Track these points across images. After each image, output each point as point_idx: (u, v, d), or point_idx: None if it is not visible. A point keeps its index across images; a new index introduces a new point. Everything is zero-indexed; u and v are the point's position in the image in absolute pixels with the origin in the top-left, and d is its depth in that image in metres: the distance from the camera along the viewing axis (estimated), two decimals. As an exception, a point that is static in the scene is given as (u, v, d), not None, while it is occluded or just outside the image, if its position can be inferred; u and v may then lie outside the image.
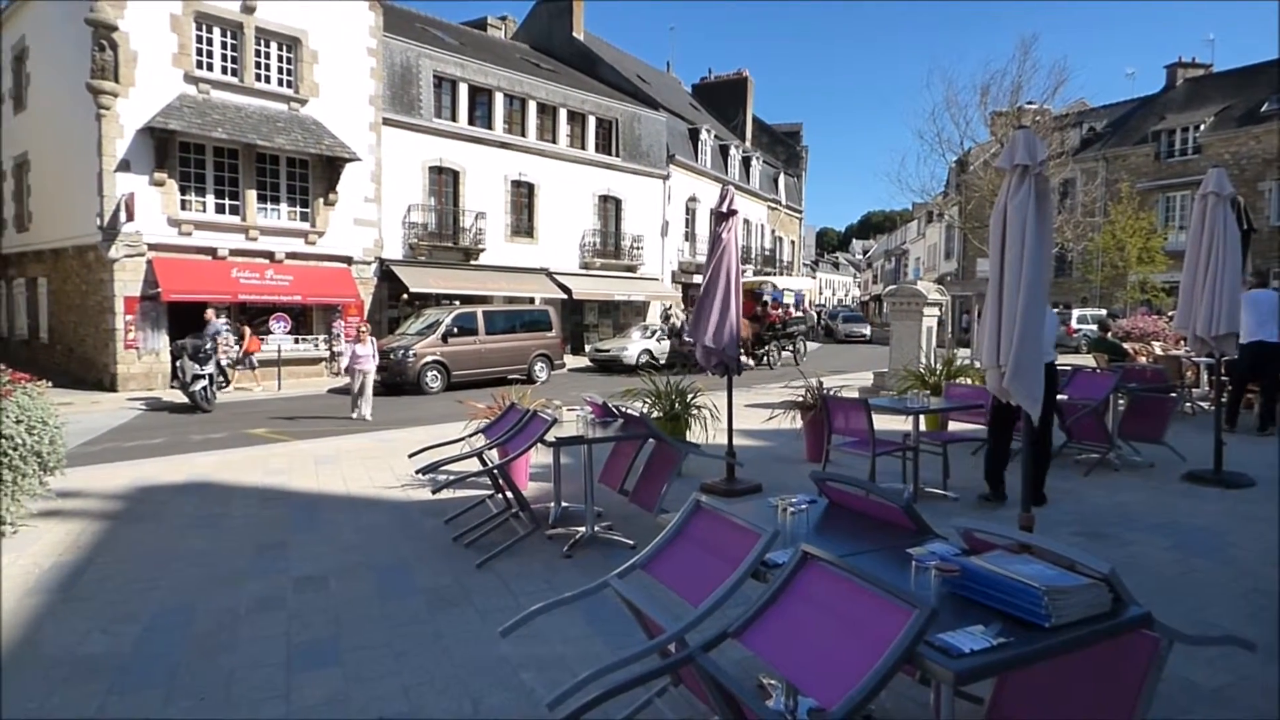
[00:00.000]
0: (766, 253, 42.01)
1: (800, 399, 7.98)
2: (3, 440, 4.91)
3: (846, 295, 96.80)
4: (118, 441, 10.85)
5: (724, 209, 6.48)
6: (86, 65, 16.57)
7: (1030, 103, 21.25)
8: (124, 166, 16.98)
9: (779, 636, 2.22)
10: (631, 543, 5.13)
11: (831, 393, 7.35)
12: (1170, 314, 14.14)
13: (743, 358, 20.46)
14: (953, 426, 8.30)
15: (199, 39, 18.13)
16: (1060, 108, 22.60)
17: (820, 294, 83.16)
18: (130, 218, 16.85)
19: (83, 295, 18.52)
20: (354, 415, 12.56)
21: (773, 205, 43.26)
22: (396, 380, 16.66)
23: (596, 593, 2.83)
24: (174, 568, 4.95)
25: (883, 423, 6.59)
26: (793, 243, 48.26)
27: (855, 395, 7.80)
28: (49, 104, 19.61)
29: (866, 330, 43.01)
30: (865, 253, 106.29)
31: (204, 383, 13.95)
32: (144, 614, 4.21)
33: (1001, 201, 3.94)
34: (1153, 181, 33.98)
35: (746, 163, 39.78)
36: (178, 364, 14.23)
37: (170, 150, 17.49)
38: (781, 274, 45.44)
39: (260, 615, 4.18)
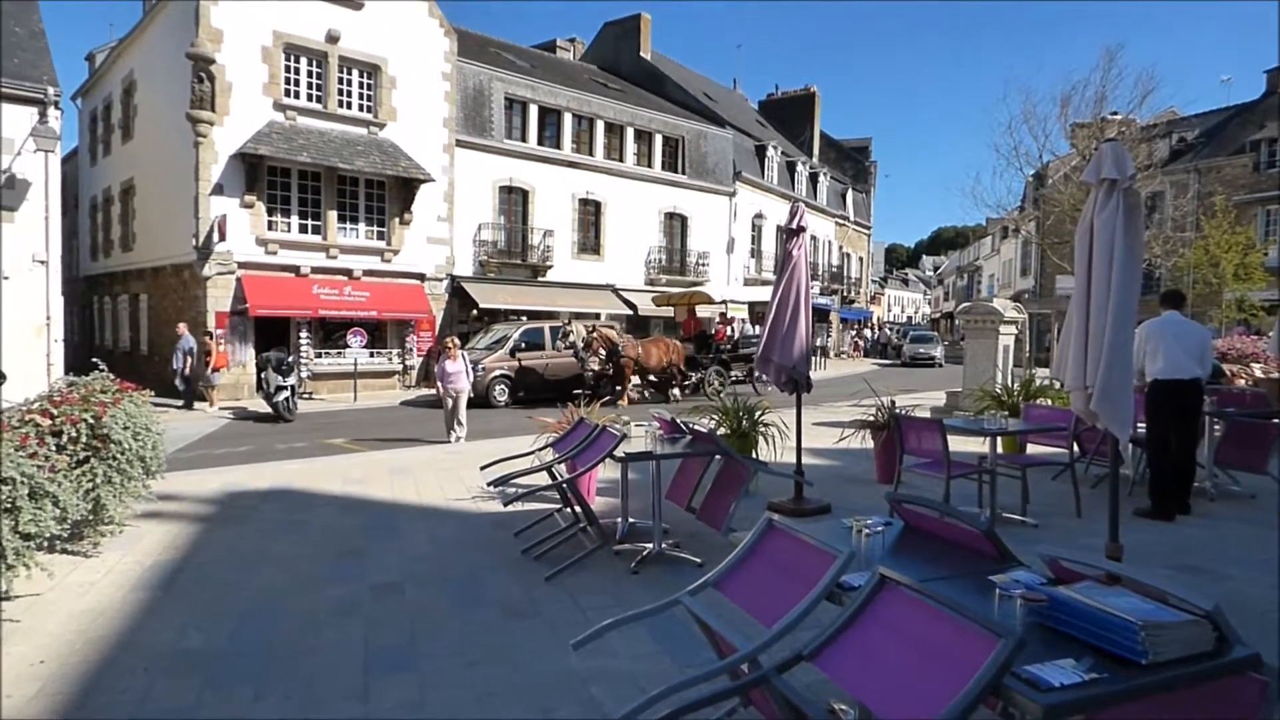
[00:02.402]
0: (834, 269, 41.44)
1: (871, 418, 7.82)
2: (113, 445, 5.24)
3: (916, 312, 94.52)
4: (209, 449, 11.43)
5: (794, 225, 6.45)
6: (186, 96, 17.67)
7: (1114, 113, 20.45)
8: (218, 190, 17.99)
9: (856, 661, 2.18)
10: (699, 561, 5.11)
11: (903, 412, 7.19)
12: (1270, 334, 13.31)
13: (674, 388, 18.16)
14: (1031, 449, 8.00)
15: (287, 68, 19.12)
16: (1148, 117, 21.61)
17: (889, 311, 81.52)
18: (222, 238, 17.82)
19: (179, 310, 19.60)
20: (450, 439, 11.38)
21: (840, 221, 42.70)
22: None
23: (668, 609, 2.84)
24: (260, 570, 5.18)
25: (957, 444, 6.41)
26: (861, 259, 47.48)
27: (928, 415, 7.61)
28: (153, 133, 20.95)
29: (937, 352, 36.75)
30: (936, 269, 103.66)
31: (286, 394, 14.57)
32: (234, 613, 4.41)
33: (1087, 217, 3.81)
34: (1251, 194, 32.17)
35: (813, 178, 39.43)
36: (262, 375, 14.92)
37: (259, 174, 18.44)
38: (850, 291, 44.72)
39: (340, 619, 4.33)
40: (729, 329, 21.03)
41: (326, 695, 3.46)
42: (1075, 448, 6.99)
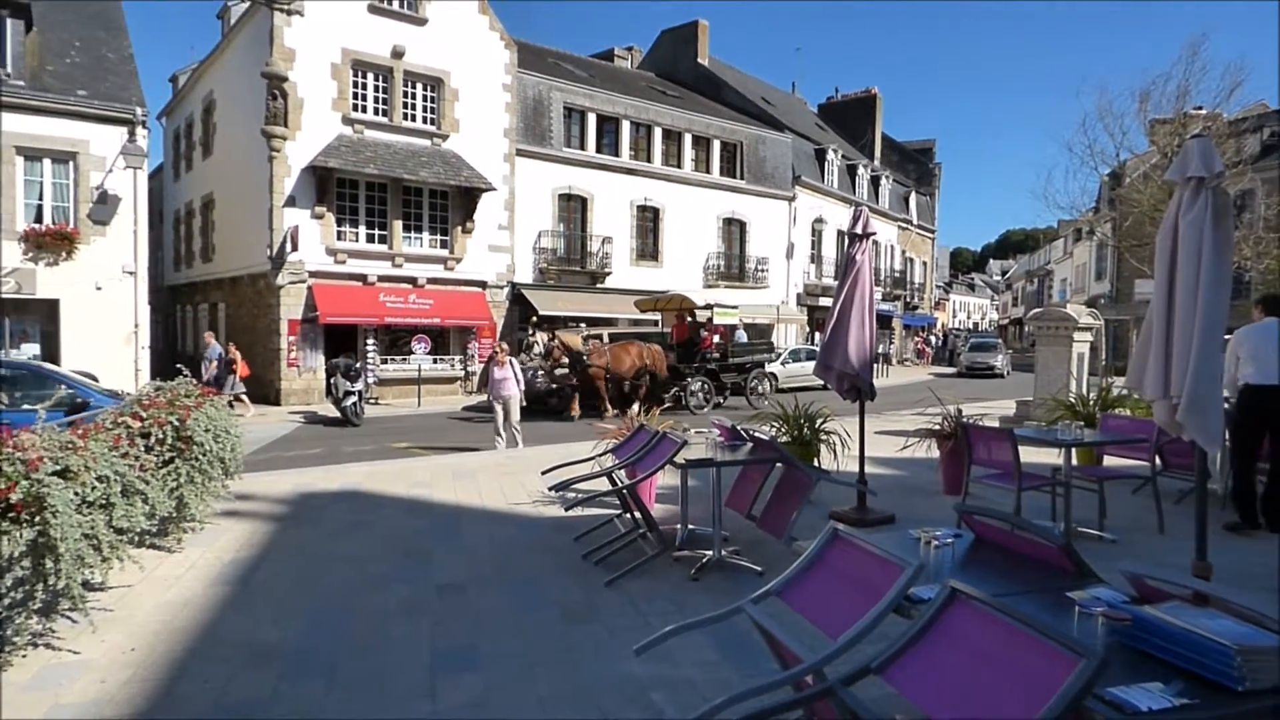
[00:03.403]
0: (896, 274, 40.60)
1: (937, 427, 7.63)
2: (195, 447, 5.50)
3: (983, 318, 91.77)
4: (282, 451, 11.87)
5: (858, 230, 6.35)
6: (261, 113, 18.46)
7: (1198, 108, 19.51)
8: (290, 202, 18.72)
9: (926, 676, 2.13)
10: (760, 569, 5.06)
11: (971, 421, 6.98)
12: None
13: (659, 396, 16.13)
14: (1109, 462, 7.67)
15: (355, 84, 19.79)
16: (1236, 111, 20.56)
17: (953, 317, 79.39)
18: (295, 248, 18.54)
19: (254, 318, 20.46)
20: (496, 446, 11.35)
21: (903, 225, 41.83)
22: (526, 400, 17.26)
23: (731, 617, 2.82)
24: (331, 568, 5.35)
25: (1028, 455, 6.19)
26: (924, 264, 46.40)
27: (996, 425, 7.37)
28: (230, 149, 21.93)
29: (997, 361, 32.53)
30: (1004, 274, 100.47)
31: (354, 399, 15.03)
32: (307, 609, 4.57)
33: (1171, 217, 3.65)
34: (1350, 191, 30.20)
35: (875, 182, 38.75)
36: (332, 381, 15.42)
37: (329, 186, 19.11)
38: (913, 296, 43.73)
39: (407, 618, 4.44)
40: (716, 336, 18.90)
41: (395, 692, 3.55)
42: (1157, 460, 6.68)
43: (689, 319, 19.09)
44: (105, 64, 17.31)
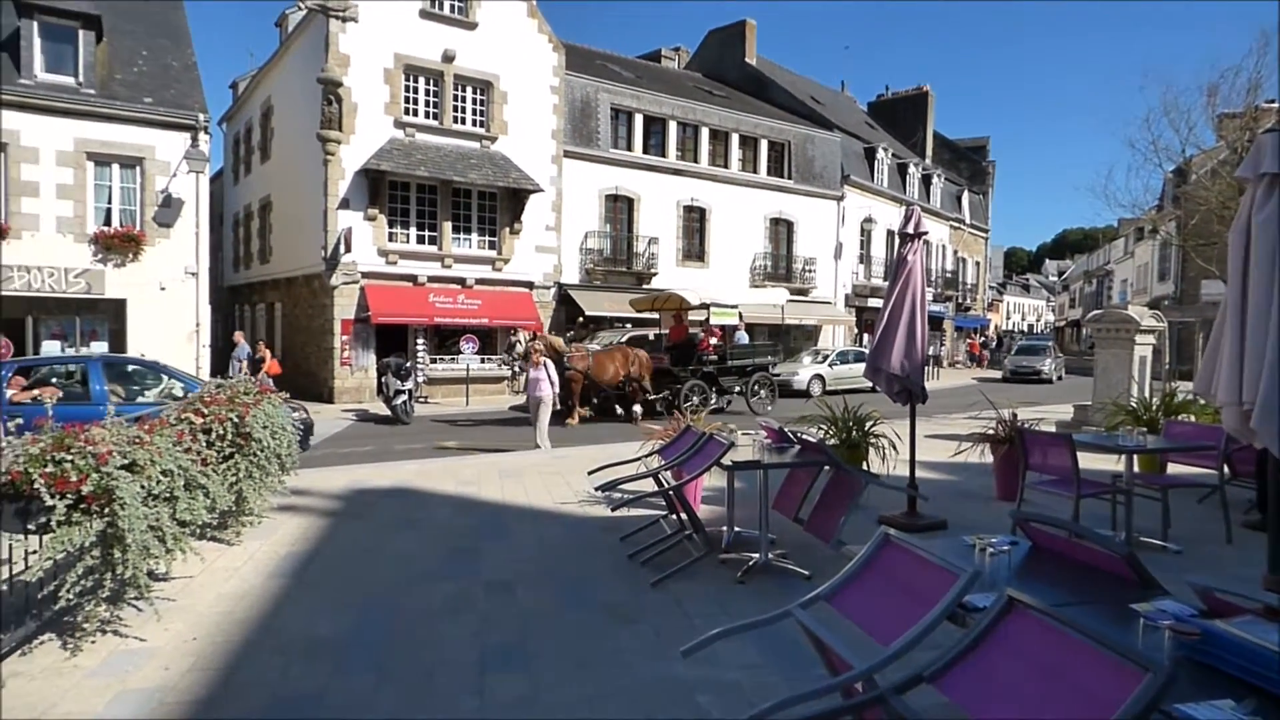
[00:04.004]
0: (948, 275, 39.74)
1: (991, 431, 7.45)
2: (254, 443, 5.67)
3: (1038, 320, 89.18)
4: (335, 448, 12.17)
5: (909, 230, 6.24)
6: (317, 117, 18.95)
7: (1271, 101, 18.67)
8: (344, 204, 19.18)
9: (982, 686, 2.08)
10: (807, 573, 5.01)
11: (1027, 426, 6.80)
12: None
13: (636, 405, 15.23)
14: (1173, 469, 7.39)
15: (407, 88, 20.17)
16: (1311, 105, 19.62)
17: (1007, 318, 77.38)
18: (348, 249, 18.98)
19: (309, 318, 21.02)
20: (540, 448, 11.36)
21: (955, 224, 40.94)
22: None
23: (779, 621, 2.79)
24: (382, 564, 5.46)
25: (1086, 461, 6.00)
26: (977, 264, 45.34)
27: (1052, 430, 7.16)
28: (287, 153, 22.57)
29: (1045, 365, 29.89)
30: (1061, 274, 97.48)
31: (404, 397, 15.32)
32: (359, 603, 4.68)
33: (1244, 215, 3.49)
34: None
35: (926, 180, 38.00)
36: (383, 380, 15.74)
37: (381, 188, 19.52)
38: (965, 297, 42.77)
39: (455, 615, 4.51)
40: (712, 338, 17.71)
41: (444, 688, 3.60)
42: (1226, 469, 6.42)
43: (693, 319, 18.16)
44: (170, 72, 17.99)
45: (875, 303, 30.65)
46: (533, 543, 6.07)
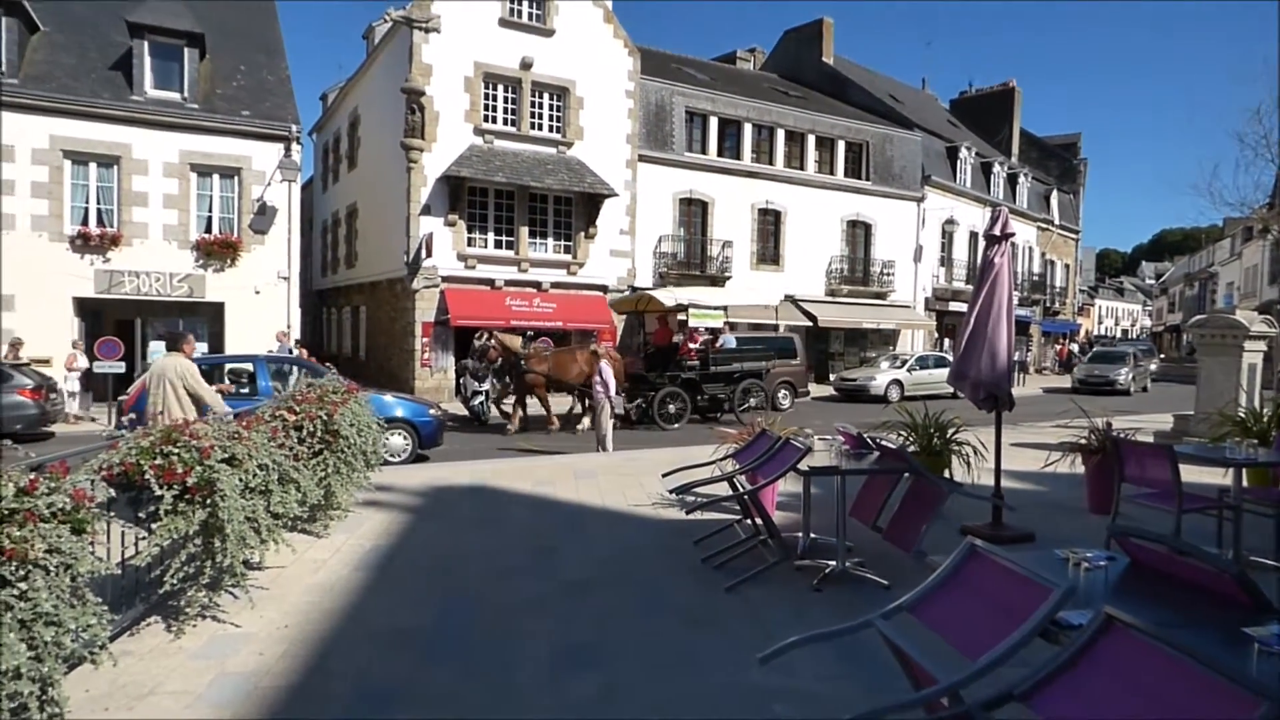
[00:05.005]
0: (1035, 278, 38.10)
1: (1083, 441, 7.10)
2: (341, 440, 5.92)
3: (1133, 325, 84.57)
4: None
5: (996, 232, 6.02)
6: (401, 126, 19.63)
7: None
8: (425, 210, 19.80)
9: (1077, 707, 1.99)
10: (886, 583, 4.88)
11: (1123, 435, 6.45)
12: None
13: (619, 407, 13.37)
14: (1287, 484, 6.87)
15: (486, 96, 20.68)
16: None
17: (1099, 324, 73.70)
18: (429, 254, 19.58)
19: (391, 321, 21.78)
20: (604, 449, 11.40)
21: (1043, 226, 39.22)
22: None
23: (859, 631, 2.73)
24: (463, 560, 5.61)
25: (1188, 474, 5.65)
26: (1067, 266, 43.29)
27: (1150, 440, 6.78)
28: (373, 161, 23.46)
29: (1121, 375, 26.07)
30: (1158, 277, 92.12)
31: (482, 398, 15.69)
32: (440, 598, 4.82)
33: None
34: None
35: (1012, 180, 36.56)
36: (461, 380, 16.16)
37: (461, 194, 20.07)
38: (1053, 301, 40.91)
39: (533, 612, 4.58)
40: (691, 343, 16.42)
41: (522, 684, 3.67)
42: (1348, 485, 5.94)
43: (681, 320, 17.07)
44: (265, 85, 18.97)
45: (956, 306, 29.64)
46: (608, 544, 6.11)
